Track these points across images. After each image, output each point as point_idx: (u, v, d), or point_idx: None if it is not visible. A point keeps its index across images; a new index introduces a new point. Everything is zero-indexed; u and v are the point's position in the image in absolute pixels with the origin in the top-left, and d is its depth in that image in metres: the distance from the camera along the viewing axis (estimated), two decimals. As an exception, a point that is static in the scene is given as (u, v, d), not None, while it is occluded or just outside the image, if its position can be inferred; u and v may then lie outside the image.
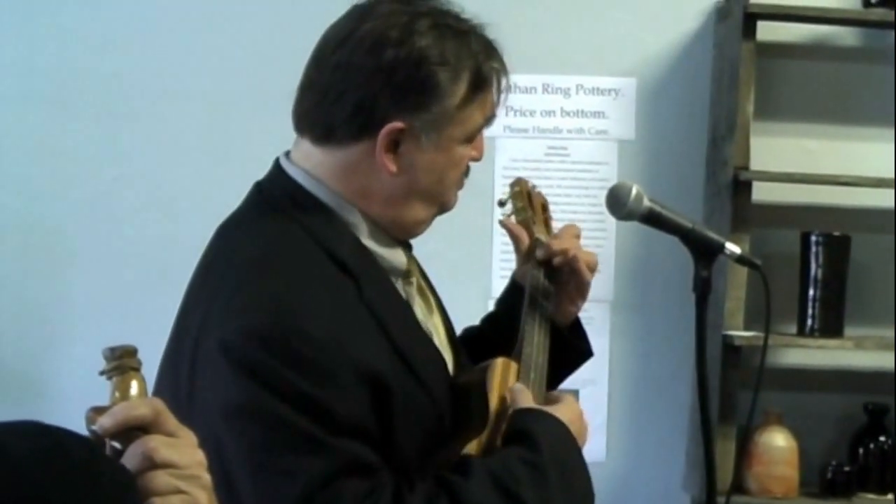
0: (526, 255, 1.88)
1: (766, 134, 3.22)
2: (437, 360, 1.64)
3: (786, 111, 3.29)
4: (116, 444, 0.94)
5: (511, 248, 1.96)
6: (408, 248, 1.69)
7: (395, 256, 1.63)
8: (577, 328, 1.90)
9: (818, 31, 3.28)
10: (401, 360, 1.54)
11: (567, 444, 1.59)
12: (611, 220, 3.02)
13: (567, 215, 3.19)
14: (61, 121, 3.20)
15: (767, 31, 3.19)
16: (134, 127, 3.20)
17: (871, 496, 3.16)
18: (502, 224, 1.91)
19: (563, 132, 3.26)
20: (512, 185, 1.96)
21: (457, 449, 1.58)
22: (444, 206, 1.65)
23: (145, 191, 3.20)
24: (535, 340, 1.76)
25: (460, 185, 1.66)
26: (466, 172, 1.66)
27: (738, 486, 3.10)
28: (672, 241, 1.79)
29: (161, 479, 0.93)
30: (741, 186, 3.08)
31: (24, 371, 3.18)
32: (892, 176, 3.15)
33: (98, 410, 0.95)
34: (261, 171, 3.29)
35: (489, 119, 1.63)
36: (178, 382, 1.53)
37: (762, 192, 3.19)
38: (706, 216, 3.18)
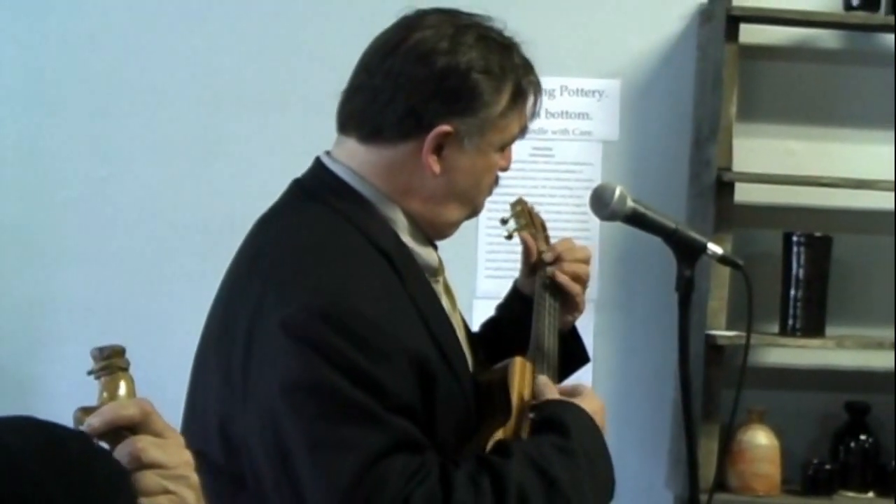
0: (532, 268, 1.95)
1: (748, 135, 3.24)
2: (462, 356, 1.73)
3: (768, 113, 3.31)
4: (104, 445, 0.95)
5: (496, 249, 2.00)
6: (435, 248, 1.78)
7: (430, 255, 1.73)
8: (574, 335, 2.01)
9: (800, 34, 3.30)
10: (438, 349, 1.63)
11: (593, 433, 1.69)
12: (595, 221, 3.03)
13: (551, 216, 3.18)
14: (49, 120, 3.20)
15: (750, 33, 3.21)
16: (122, 127, 3.20)
17: (851, 494, 3.18)
18: (520, 237, 1.98)
19: (547, 133, 3.27)
20: (513, 205, 2.02)
21: (483, 441, 1.66)
22: (475, 210, 1.76)
23: (134, 190, 3.20)
24: (547, 343, 1.84)
25: (490, 192, 1.77)
26: (496, 181, 1.76)
27: (721, 484, 3.11)
28: (655, 241, 1.81)
29: (149, 479, 0.93)
30: (724, 187, 3.10)
31: (14, 371, 3.18)
32: (873, 178, 3.17)
33: (86, 410, 0.95)
34: (249, 171, 3.33)
35: (523, 130, 1.74)
36: (230, 367, 1.59)
37: (745, 193, 3.20)
38: (689, 217, 3.20)
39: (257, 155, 3.18)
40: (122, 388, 0.97)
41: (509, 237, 1.99)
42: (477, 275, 3.20)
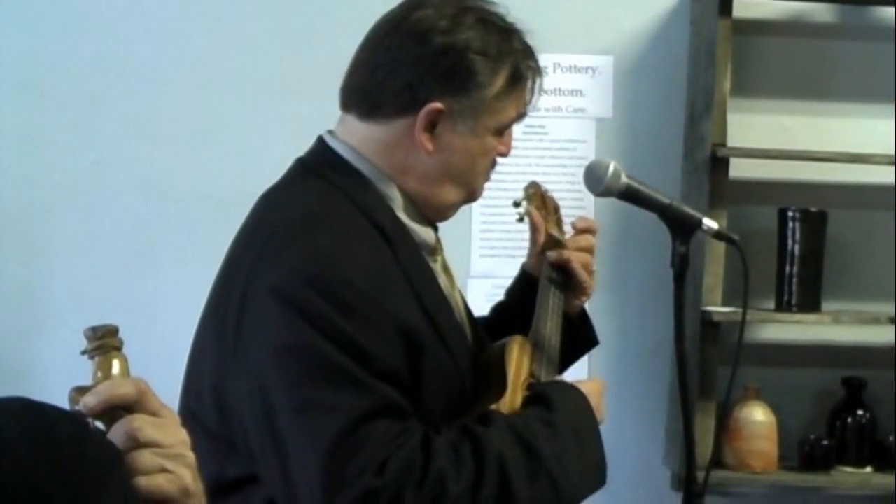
0: (541, 250, 1.96)
1: (743, 111, 3.23)
2: (460, 331, 1.75)
3: (762, 88, 3.30)
4: (100, 424, 0.94)
5: (490, 228, 2.01)
6: (435, 228, 1.79)
7: (426, 233, 1.75)
8: (584, 318, 2.01)
9: (794, 8, 3.29)
10: (430, 322, 1.65)
11: (583, 410, 1.71)
12: (589, 198, 3.03)
13: (546, 194, 3.20)
14: (39, 106, 3.18)
15: (743, 8, 3.20)
16: (112, 111, 3.18)
17: (849, 469, 3.18)
18: (528, 214, 1.98)
19: (540, 111, 3.22)
20: (527, 188, 2.03)
21: (475, 414, 1.67)
22: (472, 194, 1.77)
23: (124, 175, 3.18)
24: (549, 325, 1.84)
25: (488, 177, 1.78)
26: (493, 165, 1.77)
27: (718, 461, 3.11)
28: (651, 218, 1.80)
29: (146, 458, 0.93)
30: (718, 163, 3.09)
31: (6, 356, 3.17)
32: (868, 152, 3.17)
33: (81, 390, 0.95)
34: (240, 155, 3.32)
35: (521, 115, 1.76)
36: (223, 332, 1.62)
37: (739, 169, 3.20)
38: (684, 193, 3.19)
39: (250, 139, 3.17)
40: (117, 367, 0.97)
41: (521, 219, 1.99)
42: (471, 254, 3.19)
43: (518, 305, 1.96)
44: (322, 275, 1.56)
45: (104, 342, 0.97)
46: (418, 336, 1.61)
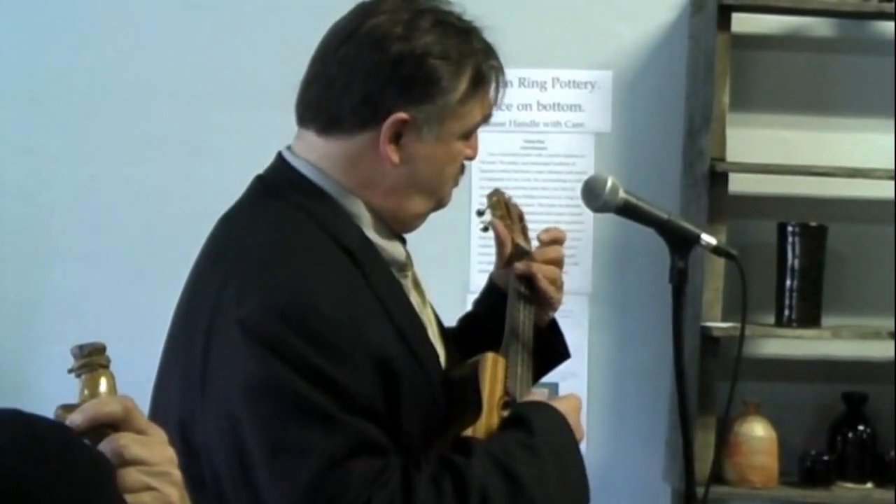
0: (508, 260, 1.91)
1: (741, 125, 3.23)
2: (432, 350, 1.69)
3: (761, 102, 3.30)
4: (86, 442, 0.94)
5: (489, 243, 1.98)
6: (403, 242, 1.73)
7: (395, 249, 1.69)
8: (554, 330, 1.95)
9: (793, 22, 3.29)
10: (405, 345, 1.59)
11: (562, 430, 1.66)
12: (588, 213, 3.02)
13: (544, 208, 3.19)
14: (37, 119, 3.19)
15: (742, 22, 3.20)
16: (110, 126, 3.19)
17: (849, 485, 3.17)
18: (492, 225, 1.93)
19: (539, 125, 3.25)
20: (490, 196, 1.98)
21: (453, 438, 1.63)
22: (440, 202, 1.71)
23: (122, 189, 3.18)
24: (521, 338, 1.80)
25: (456, 182, 1.72)
26: (462, 170, 1.71)
27: (718, 476, 3.10)
28: (649, 233, 1.79)
29: (131, 476, 0.92)
30: (717, 178, 3.09)
31: (3, 369, 3.16)
32: (867, 166, 3.16)
33: (67, 408, 0.94)
34: (238, 168, 3.27)
35: (486, 117, 1.69)
36: (189, 367, 1.56)
37: (738, 184, 3.19)
38: (683, 208, 3.19)
39: (247, 152, 3.13)
40: (104, 385, 0.96)
41: (485, 229, 1.94)
42: (470, 269, 3.19)
43: (487, 317, 1.90)
44: (292, 307, 1.49)
45: (91, 360, 0.97)
46: (394, 364, 1.55)
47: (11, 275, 3.18)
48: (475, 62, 1.64)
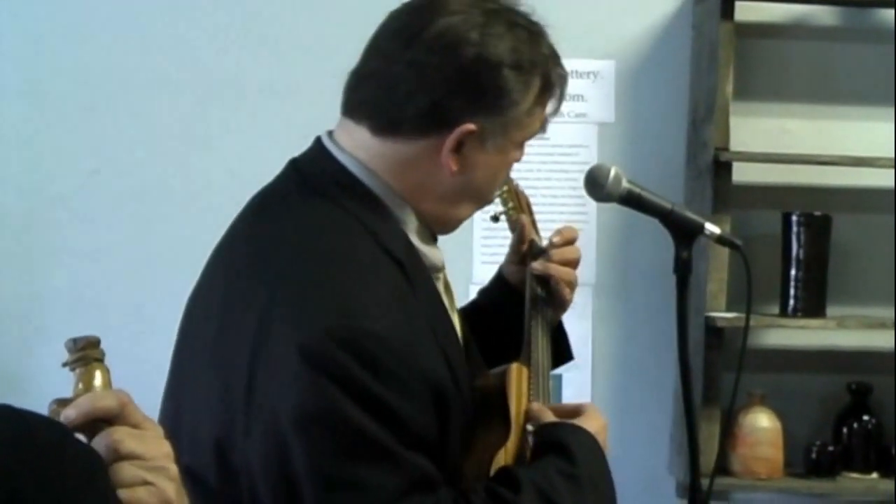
0: (522, 256, 1.88)
1: (745, 114, 3.21)
2: (464, 365, 1.63)
3: (765, 91, 3.28)
4: (81, 437, 0.93)
5: (491, 235, 1.97)
6: (435, 240, 1.68)
7: (435, 254, 1.64)
8: (560, 332, 1.93)
9: (796, 11, 3.27)
10: (450, 370, 1.54)
11: (598, 455, 1.63)
12: (591, 204, 3.01)
13: (547, 199, 3.18)
14: (37, 115, 3.17)
15: (745, 11, 3.18)
16: (111, 119, 3.17)
17: (855, 475, 3.16)
18: (517, 221, 1.90)
19: (542, 116, 3.23)
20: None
21: (486, 457, 1.60)
22: (485, 205, 1.69)
23: (123, 183, 3.17)
24: (541, 345, 1.78)
25: (502, 186, 1.72)
26: (508, 174, 1.69)
27: (723, 468, 3.09)
28: (653, 223, 1.78)
29: (127, 470, 0.91)
30: (721, 167, 3.07)
31: (4, 366, 3.15)
32: (872, 155, 3.15)
33: (62, 402, 0.93)
34: (239, 163, 3.28)
35: (545, 125, 1.64)
36: (229, 384, 1.48)
37: (742, 173, 3.18)
38: (687, 198, 3.17)
39: (250, 146, 3.15)
40: (98, 379, 0.95)
41: (495, 219, 1.91)
42: (473, 261, 3.18)
43: (492, 310, 1.88)
44: (354, 333, 1.42)
45: (85, 354, 0.96)
46: (445, 390, 1.50)
47: (14, 270, 3.17)
48: (544, 71, 1.59)
